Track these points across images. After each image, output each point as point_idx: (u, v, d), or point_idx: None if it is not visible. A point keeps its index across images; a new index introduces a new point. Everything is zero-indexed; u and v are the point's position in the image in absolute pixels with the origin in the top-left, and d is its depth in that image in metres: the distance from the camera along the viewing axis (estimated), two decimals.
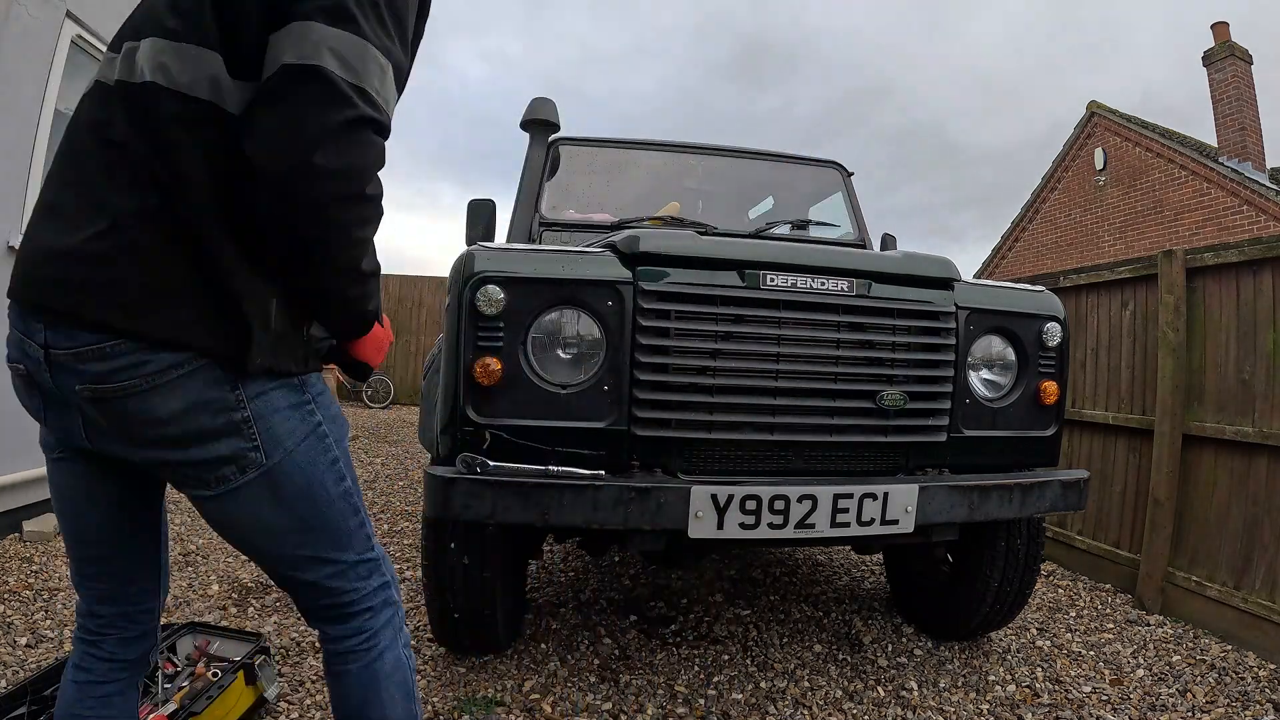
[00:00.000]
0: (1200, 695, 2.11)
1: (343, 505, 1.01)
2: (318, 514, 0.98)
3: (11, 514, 3.05)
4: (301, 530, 0.97)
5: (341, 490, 1.00)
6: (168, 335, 0.82)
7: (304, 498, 0.96)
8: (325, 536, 0.99)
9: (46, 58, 3.18)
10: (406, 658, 1.08)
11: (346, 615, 1.03)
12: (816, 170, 3.38)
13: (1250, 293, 2.63)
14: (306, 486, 0.96)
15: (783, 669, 2.16)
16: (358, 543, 1.03)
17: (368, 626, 1.03)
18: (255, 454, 0.90)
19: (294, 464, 0.94)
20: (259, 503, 0.93)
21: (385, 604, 1.05)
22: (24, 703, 1.52)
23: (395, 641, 1.06)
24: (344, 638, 1.03)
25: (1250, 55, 10.03)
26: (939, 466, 1.86)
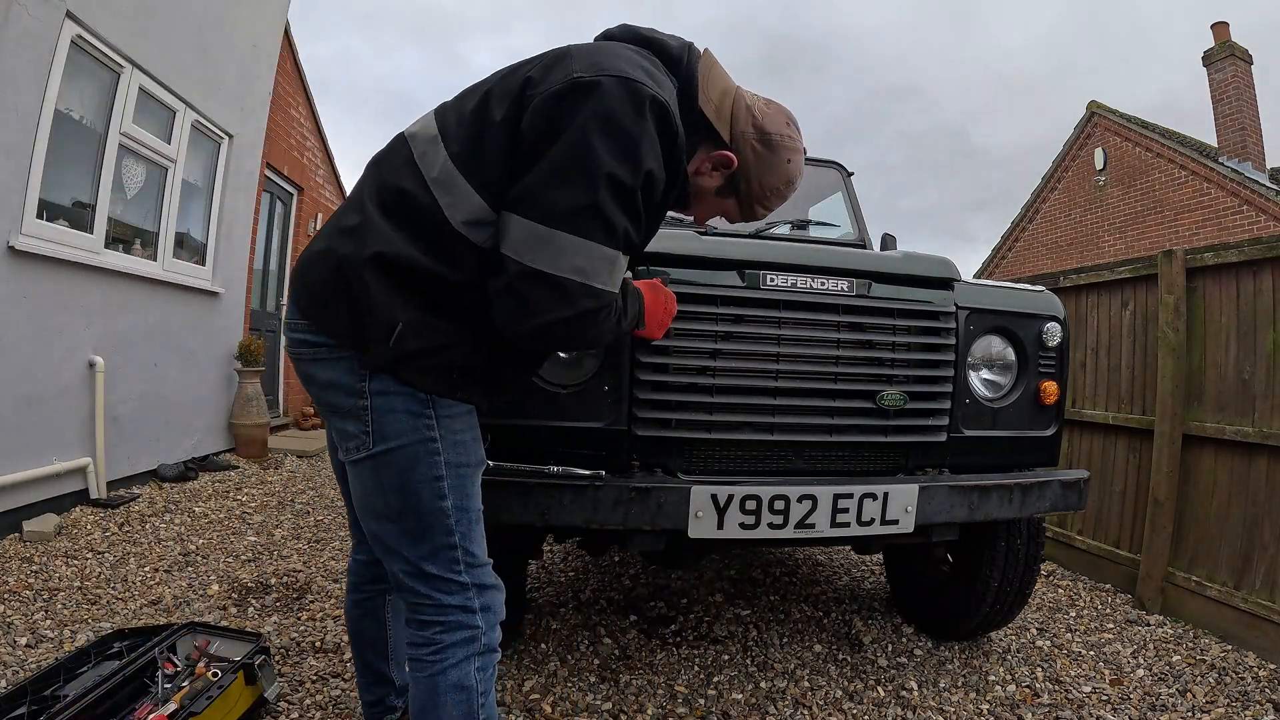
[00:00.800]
0: (1200, 695, 2.11)
1: (434, 519, 1.11)
2: (407, 514, 1.11)
3: (11, 514, 3.05)
4: (391, 520, 1.12)
5: (437, 506, 1.11)
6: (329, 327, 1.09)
7: (397, 493, 1.10)
8: (409, 537, 1.12)
9: (46, 58, 3.18)
10: (479, 682, 1.12)
11: (422, 622, 1.13)
12: (816, 170, 3.37)
13: (1250, 293, 2.63)
14: (401, 486, 1.10)
15: (783, 669, 2.16)
16: (441, 561, 1.12)
17: (439, 639, 1.12)
18: (366, 438, 1.09)
19: (395, 461, 1.09)
20: (366, 480, 1.12)
21: (463, 625, 1.13)
22: (24, 703, 1.52)
23: (467, 664, 1.11)
24: (417, 645, 1.14)
25: (1250, 55, 10.03)
26: (939, 466, 1.86)
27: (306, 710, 1.82)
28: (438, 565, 1.12)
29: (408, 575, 1.13)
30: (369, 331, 1.04)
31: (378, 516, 1.13)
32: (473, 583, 1.14)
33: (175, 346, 4.44)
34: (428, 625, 1.13)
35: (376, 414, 1.08)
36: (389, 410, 1.07)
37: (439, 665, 1.10)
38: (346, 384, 1.09)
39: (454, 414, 1.12)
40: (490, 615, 1.16)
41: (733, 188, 1.19)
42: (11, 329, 3.11)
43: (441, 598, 1.12)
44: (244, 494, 4.21)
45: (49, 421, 3.34)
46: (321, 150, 7.81)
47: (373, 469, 1.10)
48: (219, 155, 4.95)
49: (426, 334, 1.05)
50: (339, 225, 1.09)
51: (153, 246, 4.27)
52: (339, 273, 1.05)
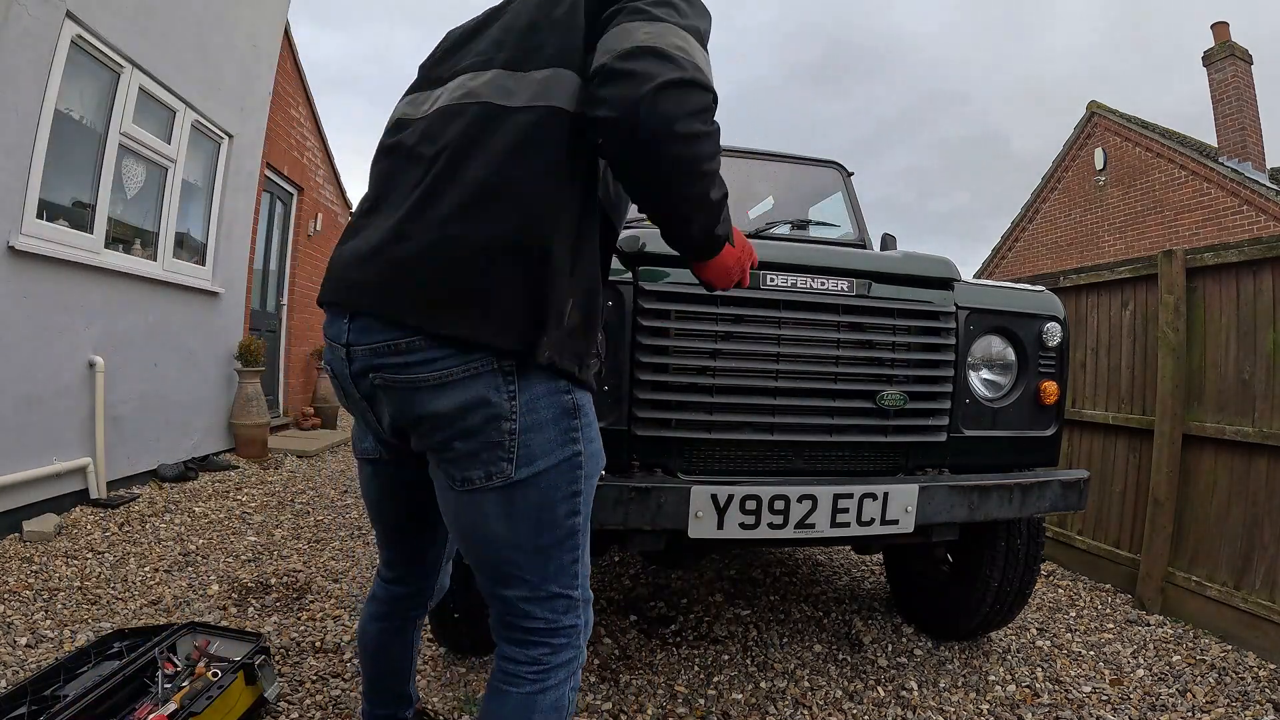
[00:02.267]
0: (1200, 695, 2.11)
1: (565, 538, 1.02)
2: (539, 538, 1.00)
3: (11, 514, 3.05)
4: (517, 548, 1.00)
5: (570, 524, 1.01)
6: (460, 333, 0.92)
7: (532, 519, 0.98)
8: (537, 560, 1.01)
9: (46, 58, 3.18)
10: (570, 702, 1.07)
11: (528, 642, 1.04)
12: (816, 170, 3.38)
13: (1250, 293, 2.63)
14: (538, 510, 0.98)
15: (783, 669, 2.16)
16: (564, 577, 1.03)
17: (545, 660, 1.04)
18: (507, 465, 0.95)
19: (537, 485, 0.97)
20: (490, 510, 0.98)
21: (569, 645, 1.06)
22: (24, 703, 1.52)
23: (565, 684, 1.05)
24: (519, 661, 1.04)
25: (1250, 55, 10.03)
26: (939, 466, 1.86)
27: (306, 710, 1.82)
28: (560, 584, 1.03)
29: (525, 601, 1.02)
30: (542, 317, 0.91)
31: (503, 545, 1.00)
32: (582, 598, 1.07)
33: (175, 346, 4.44)
34: (536, 646, 1.03)
35: (525, 434, 0.94)
36: (538, 427, 0.95)
37: (540, 685, 1.03)
38: (495, 404, 0.93)
39: (592, 418, 1.03)
40: (588, 631, 1.10)
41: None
42: (11, 329, 3.11)
43: (558, 619, 1.04)
44: (244, 494, 4.21)
45: (49, 421, 3.34)
46: (321, 150, 7.81)
47: (505, 498, 0.96)
48: (219, 155, 4.95)
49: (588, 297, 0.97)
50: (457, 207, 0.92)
51: (153, 246, 4.27)
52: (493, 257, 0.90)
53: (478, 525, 1.00)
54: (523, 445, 0.95)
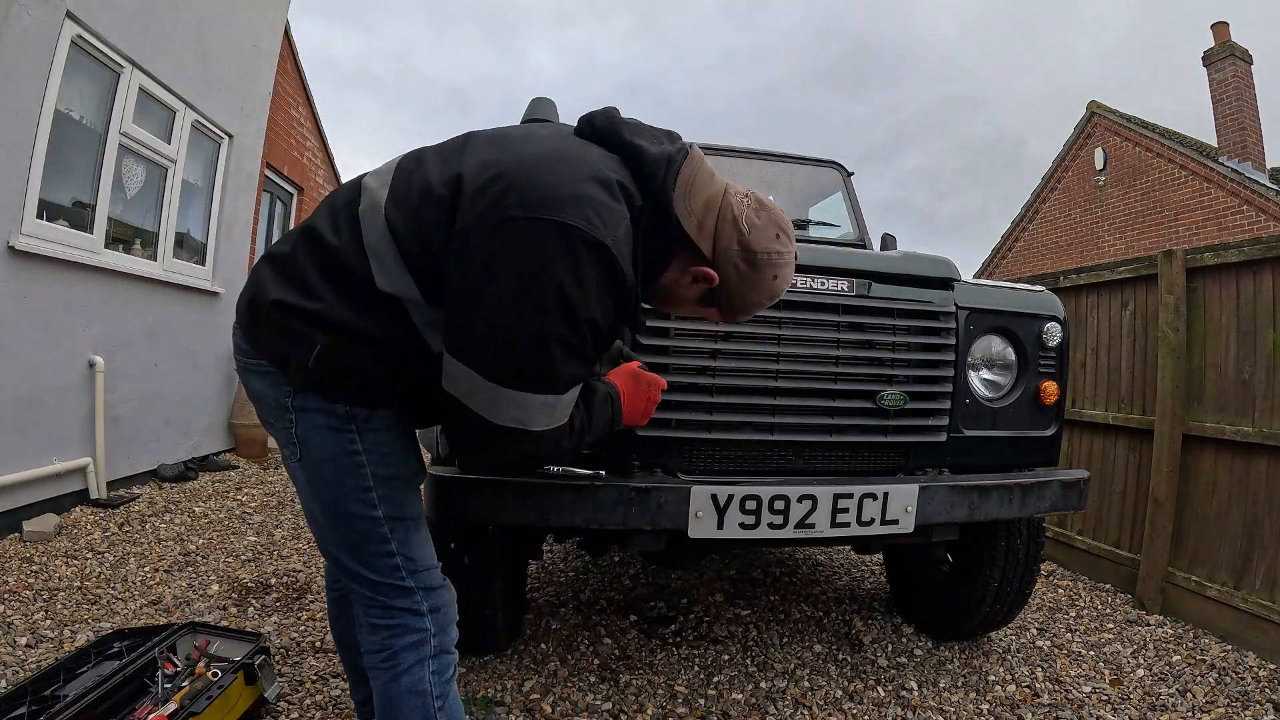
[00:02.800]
0: (1200, 695, 2.11)
1: (365, 528, 1.12)
2: (339, 522, 1.13)
3: (11, 514, 3.05)
4: (329, 528, 1.14)
5: (369, 516, 1.11)
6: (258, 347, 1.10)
7: (329, 504, 1.12)
8: (345, 543, 1.14)
9: (46, 58, 3.18)
10: (434, 685, 1.13)
11: (373, 626, 1.15)
12: (817, 170, 3.37)
13: (1250, 293, 2.63)
14: (331, 496, 1.11)
15: (783, 669, 2.16)
16: (383, 567, 1.13)
17: (388, 644, 1.13)
18: (295, 448, 1.10)
19: (322, 472, 1.10)
20: (302, 487, 1.14)
21: (409, 629, 1.14)
22: (24, 703, 1.52)
23: (419, 669, 1.12)
24: (370, 651, 1.15)
25: (1250, 55, 10.03)
26: (939, 466, 1.86)
27: (306, 710, 1.82)
28: (376, 572, 1.13)
29: (352, 579, 1.15)
30: (289, 351, 1.04)
31: (314, 520, 1.16)
32: (418, 586, 1.15)
33: (175, 346, 4.44)
34: (377, 630, 1.14)
35: (300, 428, 1.09)
36: (312, 425, 1.08)
37: (392, 671, 1.12)
38: (272, 398, 1.10)
39: (378, 427, 1.10)
40: (440, 617, 1.16)
41: (713, 299, 1.11)
42: (11, 329, 3.10)
43: (387, 600, 1.13)
44: (244, 494, 4.21)
45: (49, 421, 3.34)
46: (321, 150, 7.81)
47: (305, 478, 1.12)
48: (219, 155, 4.95)
49: (348, 355, 1.03)
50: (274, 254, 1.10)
51: (153, 246, 4.27)
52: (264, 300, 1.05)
53: (301, 496, 1.17)
54: (300, 436, 1.09)
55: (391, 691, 1.11)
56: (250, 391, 1.15)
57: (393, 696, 1.11)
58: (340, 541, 1.14)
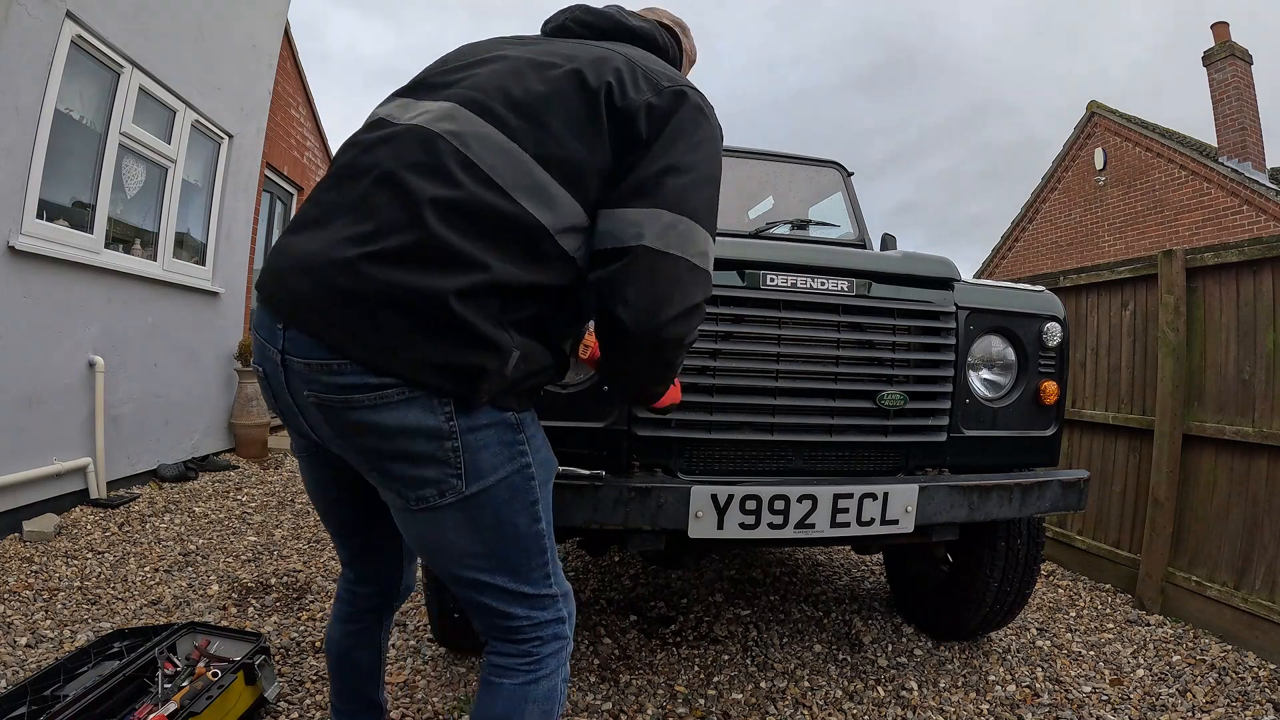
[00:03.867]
0: (1200, 695, 2.11)
1: (531, 543, 1.05)
2: (504, 546, 1.03)
3: (11, 514, 3.05)
4: (484, 556, 1.02)
5: (534, 530, 1.05)
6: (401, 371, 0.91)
7: (493, 529, 1.01)
8: (506, 567, 1.04)
9: (46, 58, 3.18)
10: (561, 692, 1.10)
11: (515, 639, 1.07)
12: (816, 170, 3.37)
13: (1250, 293, 2.63)
14: (498, 521, 1.01)
15: (783, 669, 2.16)
16: (536, 579, 1.07)
17: (534, 651, 1.07)
18: (457, 481, 0.96)
19: (491, 498, 0.99)
20: (450, 526, 0.99)
21: (555, 637, 1.09)
22: (24, 703, 1.52)
23: (556, 673, 1.09)
24: (509, 655, 1.07)
25: (1250, 55, 10.03)
26: (939, 466, 1.86)
27: (306, 710, 1.82)
28: (532, 585, 1.06)
29: (500, 602, 1.04)
30: (481, 368, 0.91)
31: (466, 557, 1.02)
32: (559, 591, 1.10)
33: (175, 346, 4.44)
34: (522, 641, 1.06)
35: (469, 452, 0.95)
36: (482, 446, 0.97)
37: (533, 675, 1.05)
38: (430, 426, 0.92)
39: (535, 430, 1.06)
40: (572, 619, 1.13)
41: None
42: (11, 329, 3.10)
43: (538, 615, 1.07)
44: (244, 494, 4.21)
45: (49, 421, 3.34)
46: (322, 150, 7.81)
47: (462, 512, 0.98)
48: (219, 155, 4.95)
49: (538, 357, 0.99)
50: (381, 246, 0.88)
51: (153, 246, 4.27)
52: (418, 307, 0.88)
53: (440, 542, 1.01)
54: (469, 461, 0.96)
55: (529, 694, 1.05)
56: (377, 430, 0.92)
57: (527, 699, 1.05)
58: (498, 567, 1.02)
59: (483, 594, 1.04)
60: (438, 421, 0.93)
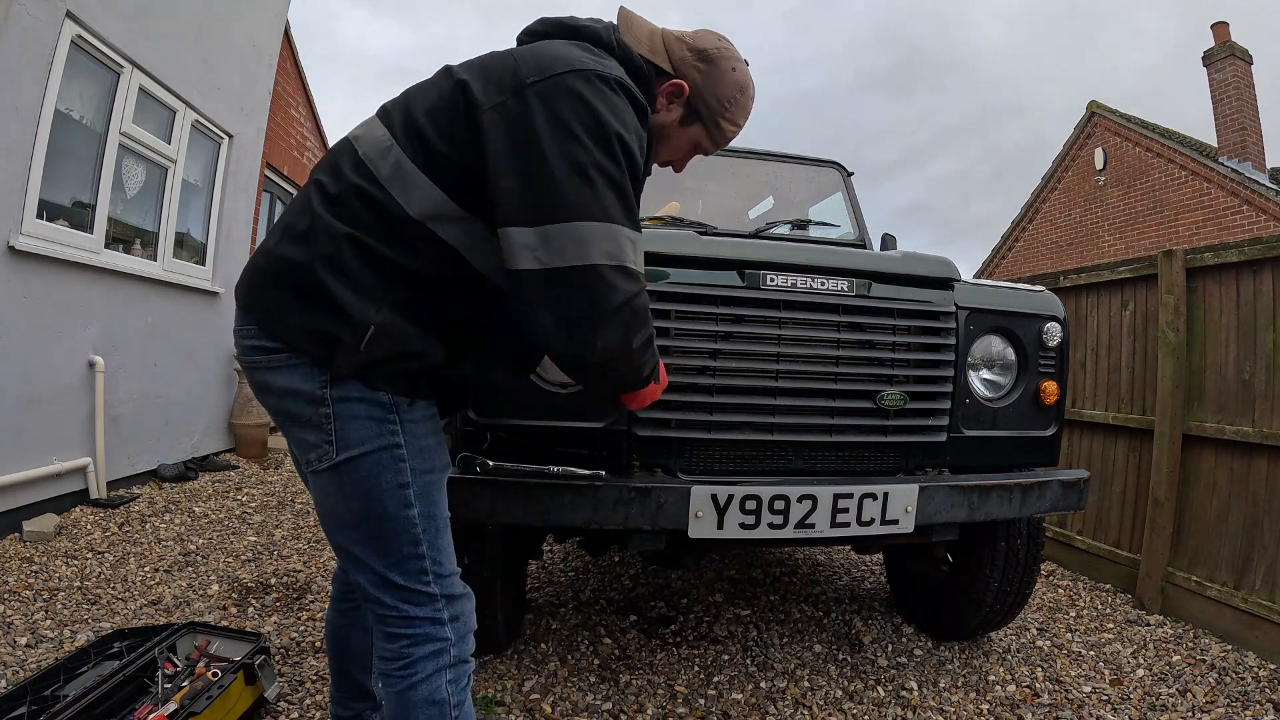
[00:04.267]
0: (1200, 695, 2.11)
1: (399, 528, 1.08)
2: (371, 523, 1.07)
3: (11, 514, 3.05)
4: (354, 528, 1.09)
5: (403, 514, 1.08)
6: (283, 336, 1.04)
7: (361, 502, 1.07)
8: (374, 545, 1.09)
9: (46, 58, 3.18)
10: (450, 694, 1.10)
11: (390, 634, 1.11)
12: (816, 170, 3.37)
13: (1250, 293, 2.63)
14: (365, 494, 1.06)
15: (783, 669, 2.16)
16: (407, 569, 1.09)
17: (406, 653, 1.09)
18: (329, 448, 1.05)
19: (359, 469, 1.05)
20: (329, 489, 1.08)
21: (429, 638, 1.10)
22: (24, 703, 1.52)
23: (436, 678, 1.09)
24: (385, 658, 1.12)
25: (1250, 55, 10.03)
26: (939, 466, 1.86)
27: (306, 710, 1.82)
28: (404, 576, 1.09)
29: (373, 586, 1.10)
30: (336, 336, 0.99)
31: (341, 526, 1.10)
32: (441, 593, 1.12)
33: (175, 346, 4.44)
34: (395, 638, 1.10)
35: (339, 421, 1.04)
36: (352, 416, 1.04)
37: (409, 680, 1.08)
38: (307, 391, 1.04)
39: (418, 418, 1.09)
40: (460, 625, 1.14)
41: (694, 113, 1.21)
42: (11, 329, 3.10)
43: (409, 609, 1.09)
44: (244, 494, 4.21)
45: (49, 421, 3.34)
46: (321, 150, 7.81)
47: (335, 479, 1.06)
48: (219, 155, 4.95)
49: (401, 339, 1.02)
50: (287, 230, 1.05)
51: (153, 246, 4.27)
52: (294, 277, 1.01)
53: (322, 505, 1.11)
54: (339, 430, 1.04)
55: (409, 700, 1.09)
56: (271, 390, 1.07)
57: (408, 705, 1.09)
58: (368, 543, 1.08)
59: (358, 572, 1.11)
60: (313, 387, 1.03)
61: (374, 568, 1.09)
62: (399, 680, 1.09)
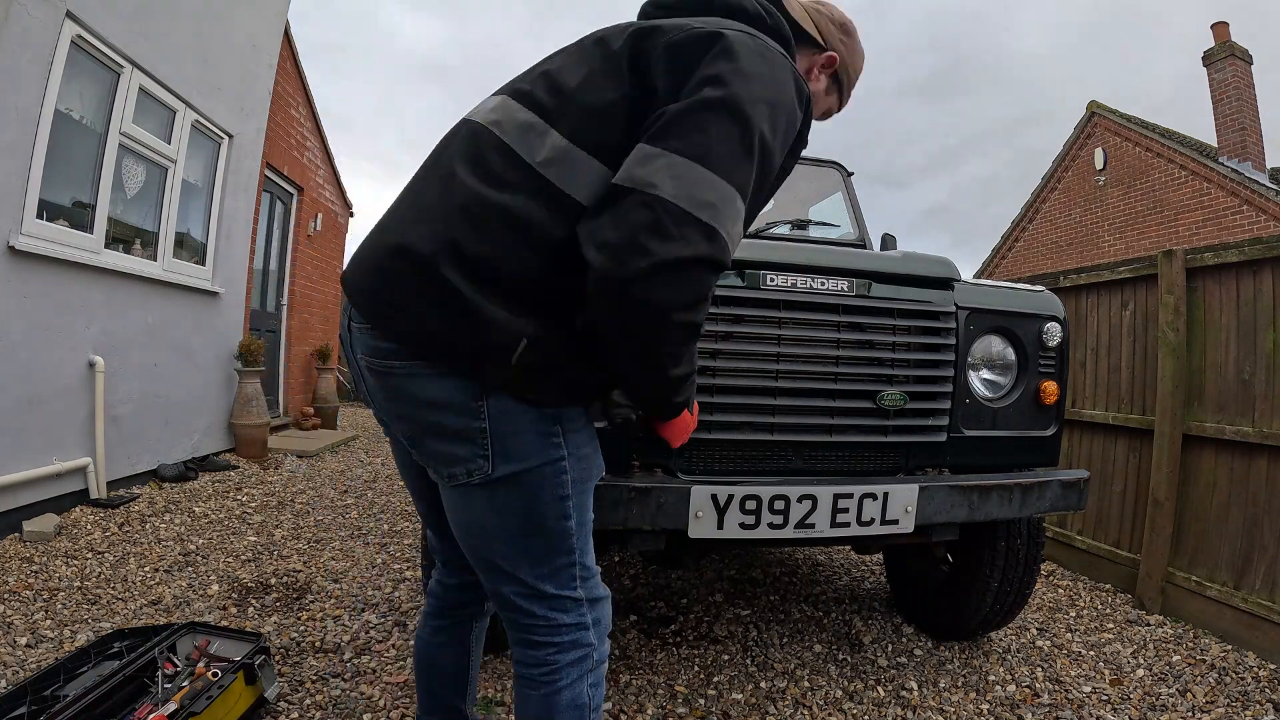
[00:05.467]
0: (1200, 695, 2.11)
1: (556, 540, 1.03)
2: (528, 536, 1.02)
3: (11, 514, 3.05)
4: (507, 543, 1.02)
5: (561, 526, 1.02)
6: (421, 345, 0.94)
7: (518, 517, 1.00)
8: (528, 559, 1.03)
9: (46, 58, 3.18)
10: (592, 698, 1.08)
11: (534, 643, 1.06)
12: (817, 170, 3.38)
13: (1250, 293, 2.63)
14: (525, 509, 1.00)
15: (783, 669, 2.16)
16: (561, 579, 1.05)
17: (551, 660, 1.05)
18: (484, 462, 0.97)
19: (520, 484, 0.98)
20: (479, 504, 1.01)
21: (576, 644, 1.06)
22: (24, 703, 1.52)
23: (580, 682, 1.06)
24: (528, 664, 1.06)
25: (1250, 55, 10.03)
26: (939, 466, 1.86)
27: (306, 710, 1.82)
28: (556, 584, 1.04)
29: (522, 597, 1.04)
30: (485, 348, 0.90)
31: (491, 540, 1.03)
32: (587, 597, 1.08)
33: (175, 346, 4.44)
34: (541, 646, 1.05)
35: (496, 435, 0.95)
36: (513, 431, 0.96)
37: (554, 685, 1.05)
38: (459, 402, 0.94)
39: (579, 427, 1.03)
40: (601, 628, 1.11)
41: (835, 83, 1.26)
42: (11, 329, 3.11)
43: (558, 617, 1.05)
44: (244, 494, 4.21)
45: (49, 421, 3.34)
46: (321, 150, 7.81)
47: (489, 494, 0.99)
48: (219, 155, 4.95)
49: (554, 349, 0.93)
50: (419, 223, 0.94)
51: (153, 246, 4.27)
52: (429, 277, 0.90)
53: (468, 521, 1.03)
54: (497, 443, 0.96)
55: (553, 704, 1.05)
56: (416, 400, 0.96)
57: (553, 709, 1.05)
58: (521, 556, 1.02)
59: (505, 585, 1.05)
60: (465, 399, 0.94)
61: (525, 579, 1.04)
62: (543, 685, 1.05)
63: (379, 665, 2.08)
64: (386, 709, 1.84)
